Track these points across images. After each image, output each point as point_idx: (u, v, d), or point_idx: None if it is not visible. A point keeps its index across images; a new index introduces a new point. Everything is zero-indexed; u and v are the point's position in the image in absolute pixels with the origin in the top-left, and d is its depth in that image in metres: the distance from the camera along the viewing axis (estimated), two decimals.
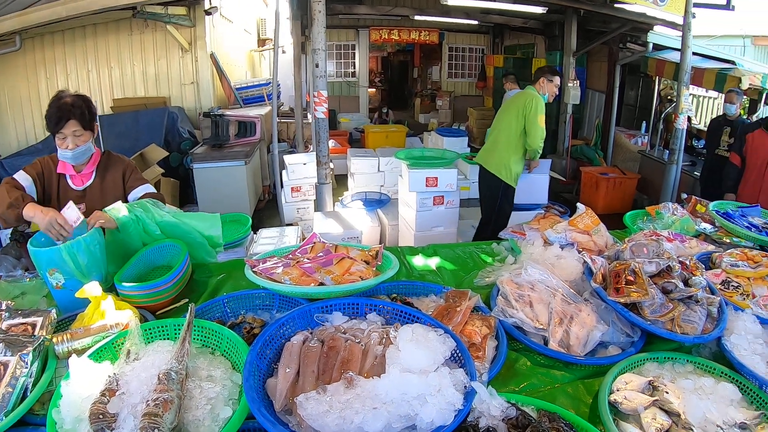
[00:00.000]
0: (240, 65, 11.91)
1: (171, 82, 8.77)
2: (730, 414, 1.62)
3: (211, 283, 2.50)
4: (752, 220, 3.17)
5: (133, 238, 2.46)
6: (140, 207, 2.49)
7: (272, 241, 4.08)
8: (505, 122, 5.30)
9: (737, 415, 1.62)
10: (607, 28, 9.93)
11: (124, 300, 2.06)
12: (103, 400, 1.38)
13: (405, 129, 11.56)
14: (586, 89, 11.68)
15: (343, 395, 1.40)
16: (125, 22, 8.22)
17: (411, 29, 14.82)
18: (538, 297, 2.15)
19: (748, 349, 1.95)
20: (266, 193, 8.62)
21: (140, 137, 7.61)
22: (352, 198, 7.12)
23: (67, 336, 1.69)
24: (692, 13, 6.88)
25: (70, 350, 1.66)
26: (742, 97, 6.91)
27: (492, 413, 1.44)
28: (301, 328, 1.78)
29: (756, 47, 15.87)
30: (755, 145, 5.30)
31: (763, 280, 2.47)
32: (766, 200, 4.74)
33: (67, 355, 1.63)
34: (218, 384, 1.55)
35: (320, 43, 5.27)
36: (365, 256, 2.28)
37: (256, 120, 7.98)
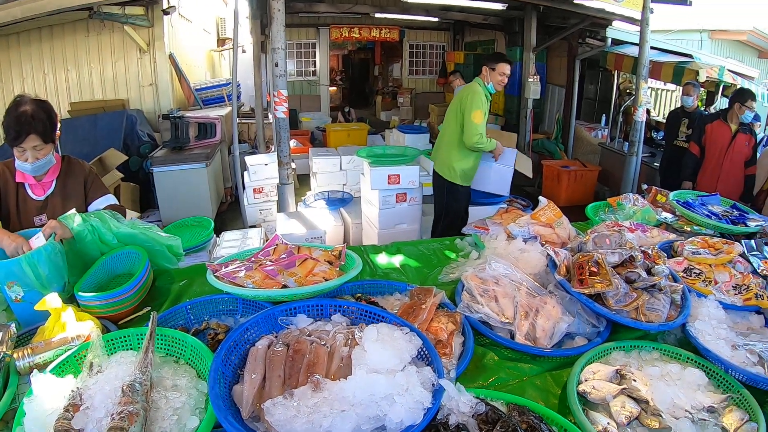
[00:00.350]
0: (199, 66, 11.73)
1: (129, 84, 8.56)
2: (698, 398, 1.65)
3: (173, 290, 2.45)
4: (712, 208, 3.23)
5: (89, 248, 2.38)
6: (96, 217, 2.41)
7: (235, 244, 4.03)
8: (447, 120, 5.11)
9: (705, 399, 1.65)
10: (566, 23, 10.05)
11: (84, 311, 2.00)
12: (67, 415, 1.34)
13: (367, 127, 11.51)
14: (547, 84, 11.83)
15: (311, 399, 1.38)
16: (82, 24, 7.98)
17: (371, 27, 14.77)
18: (503, 291, 2.15)
19: (712, 334, 1.99)
20: (228, 195, 8.50)
21: (99, 141, 7.41)
22: (315, 198, 7.07)
23: (27, 351, 1.63)
24: (650, 8, 7.00)
25: (32, 365, 1.61)
26: (700, 89, 7.07)
27: (461, 410, 1.43)
28: (265, 332, 1.75)
29: (713, 41, 16.22)
30: (714, 136, 5.47)
31: (724, 267, 2.52)
32: (723, 188, 4.89)
33: (29, 370, 1.58)
34: (184, 393, 1.51)
35: (280, 42, 5.22)
36: (328, 257, 2.26)
37: (216, 121, 7.87)
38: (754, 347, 1.91)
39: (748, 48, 16.33)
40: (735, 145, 5.30)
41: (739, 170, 5.35)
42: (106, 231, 2.40)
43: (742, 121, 5.29)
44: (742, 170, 5.35)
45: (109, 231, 2.41)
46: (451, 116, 4.99)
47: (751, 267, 2.56)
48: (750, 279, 2.41)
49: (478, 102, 4.64)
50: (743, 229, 2.96)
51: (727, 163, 5.36)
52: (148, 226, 2.60)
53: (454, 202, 5.13)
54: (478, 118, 4.62)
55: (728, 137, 5.35)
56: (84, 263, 2.36)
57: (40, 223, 2.61)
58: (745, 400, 1.68)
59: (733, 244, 2.65)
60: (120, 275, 2.47)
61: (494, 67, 4.65)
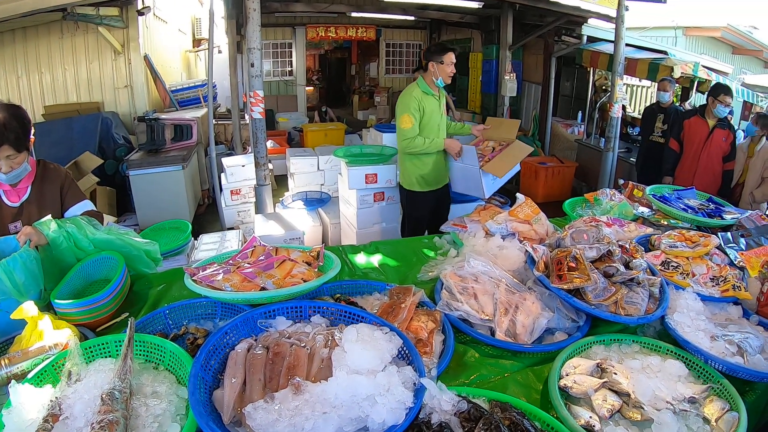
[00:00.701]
0: (175, 66, 11.61)
1: (104, 87, 8.44)
2: (679, 390, 1.67)
3: (151, 295, 2.41)
4: (688, 202, 3.27)
5: (65, 254, 2.33)
6: (72, 223, 2.36)
7: (214, 247, 4.00)
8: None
9: (685, 390, 1.67)
10: (542, 21, 10.12)
11: (62, 318, 1.95)
12: (46, 426, 1.32)
13: (344, 127, 11.49)
14: (523, 81, 11.89)
15: (292, 402, 1.37)
16: (56, 25, 7.84)
17: (348, 26, 14.73)
18: (482, 288, 2.15)
19: (691, 325, 2.01)
20: (205, 197, 8.43)
21: (74, 145, 7.30)
22: (293, 198, 7.05)
23: (5, 361, 1.60)
24: (625, 6, 7.08)
25: (9, 376, 1.57)
26: (675, 85, 7.15)
27: (443, 408, 1.42)
28: (244, 335, 1.73)
29: (687, 38, 16.48)
30: (691, 131, 5.54)
31: (701, 259, 2.55)
32: (699, 182, 4.97)
33: (6, 381, 1.55)
34: (164, 400, 1.49)
35: (256, 42, 5.18)
36: (306, 258, 2.24)
37: (192, 123, 7.80)
38: (732, 338, 1.94)
39: (722, 44, 16.62)
40: (712, 140, 5.36)
41: (717, 165, 5.41)
42: (82, 237, 2.35)
43: (716, 115, 5.35)
44: (720, 165, 5.41)
45: (86, 237, 2.36)
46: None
47: (728, 259, 2.59)
48: (727, 271, 2.44)
49: (403, 106, 4.41)
50: (719, 222, 3.00)
51: (704, 158, 5.43)
52: (126, 232, 2.56)
53: (414, 211, 4.84)
54: (405, 122, 4.38)
55: (705, 132, 5.41)
56: (60, 270, 2.31)
57: (15, 230, 2.53)
58: (726, 390, 1.70)
59: (709, 236, 2.68)
60: (97, 281, 2.43)
61: (442, 60, 4.35)
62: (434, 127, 4.51)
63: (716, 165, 5.42)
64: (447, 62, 4.34)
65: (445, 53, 4.34)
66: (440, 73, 4.38)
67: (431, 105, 4.48)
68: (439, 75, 4.39)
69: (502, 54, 10.45)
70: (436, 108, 4.54)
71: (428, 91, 4.46)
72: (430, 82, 4.47)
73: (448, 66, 4.37)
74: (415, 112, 4.36)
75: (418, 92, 4.41)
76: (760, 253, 2.60)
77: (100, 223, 2.54)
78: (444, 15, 12.15)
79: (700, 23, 16.92)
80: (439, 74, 4.38)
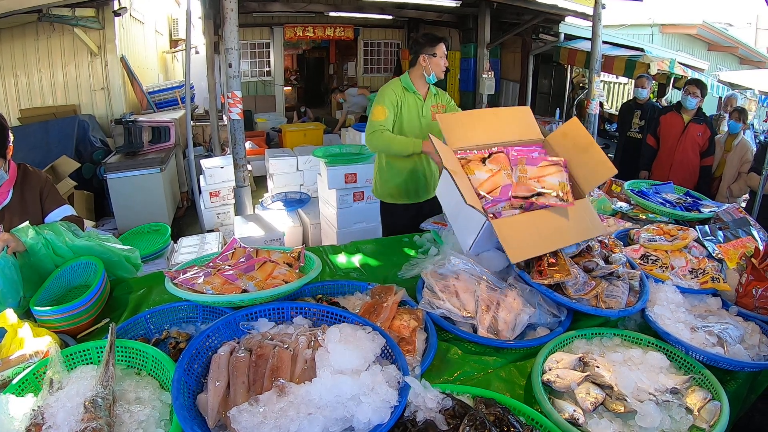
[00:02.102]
0: (152, 68, 11.50)
1: (80, 89, 8.33)
2: (661, 381, 1.68)
3: (132, 300, 2.37)
4: (666, 196, 3.31)
5: (43, 261, 2.28)
6: (50, 230, 2.32)
7: (194, 250, 3.98)
8: None
9: (667, 381, 1.69)
10: (520, 20, 10.20)
11: (42, 326, 1.92)
12: None
13: (322, 126, 11.47)
14: (501, 79, 11.98)
15: (277, 404, 1.36)
16: (31, 27, 7.73)
17: (326, 26, 14.69)
18: (464, 286, 2.16)
19: (671, 317, 2.03)
20: (184, 199, 8.36)
21: (50, 149, 7.20)
22: (273, 199, 7.02)
23: None
24: (602, 4, 7.15)
25: None
26: (652, 81, 7.24)
27: (428, 406, 1.42)
28: (227, 338, 1.71)
29: (664, 35, 16.66)
30: (667, 126, 5.63)
31: (680, 252, 2.57)
32: (675, 177, 5.04)
33: None
34: (148, 406, 1.47)
35: (233, 43, 5.16)
36: (287, 259, 2.23)
37: (170, 125, 7.73)
38: (712, 328, 1.96)
39: (698, 41, 16.83)
40: (687, 134, 5.44)
41: (693, 159, 5.48)
42: (61, 244, 2.31)
43: (685, 107, 5.43)
44: (697, 159, 5.49)
45: (64, 244, 2.32)
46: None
47: (706, 251, 2.63)
48: (705, 263, 2.47)
49: (378, 98, 3.68)
50: (697, 215, 3.04)
51: (680, 153, 5.50)
52: (105, 237, 2.53)
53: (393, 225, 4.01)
54: (375, 114, 3.63)
55: (680, 127, 5.49)
56: (39, 277, 2.27)
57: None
58: (707, 380, 1.72)
59: (687, 230, 2.71)
60: (76, 287, 2.38)
61: (435, 52, 3.70)
62: (414, 133, 3.67)
63: (692, 159, 5.49)
64: (440, 54, 3.72)
65: (437, 44, 3.72)
66: (433, 67, 3.71)
67: (412, 106, 3.75)
68: (432, 70, 3.72)
69: (480, 52, 10.51)
70: (418, 110, 3.77)
71: (410, 87, 3.76)
72: (417, 79, 3.78)
73: (441, 58, 3.74)
74: (390, 106, 3.65)
75: (398, 88, 3.73)
76: (737, 245, 2.64)
77: (81, 228, 2.51)
78: (421, 14, 12.19)
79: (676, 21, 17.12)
80: (432, 69, 3.72)
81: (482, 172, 2.33)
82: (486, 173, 2.32)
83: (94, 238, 2.44)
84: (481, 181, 2.29)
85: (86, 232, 2.47)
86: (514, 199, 2.26)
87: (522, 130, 2.67)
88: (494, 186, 2.28)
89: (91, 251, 2.41)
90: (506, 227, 2.14)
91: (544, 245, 2.17)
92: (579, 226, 2.29)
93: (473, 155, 2.46)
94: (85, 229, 2.52)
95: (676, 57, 9.17)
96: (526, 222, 2.21)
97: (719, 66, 16.11)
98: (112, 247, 2.48)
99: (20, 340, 1.72)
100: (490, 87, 10.23)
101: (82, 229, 2.50)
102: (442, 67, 3.73)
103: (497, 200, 2.23)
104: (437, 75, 3.75)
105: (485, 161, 2.40)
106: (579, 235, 2.27)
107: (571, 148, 2.50)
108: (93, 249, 2.41)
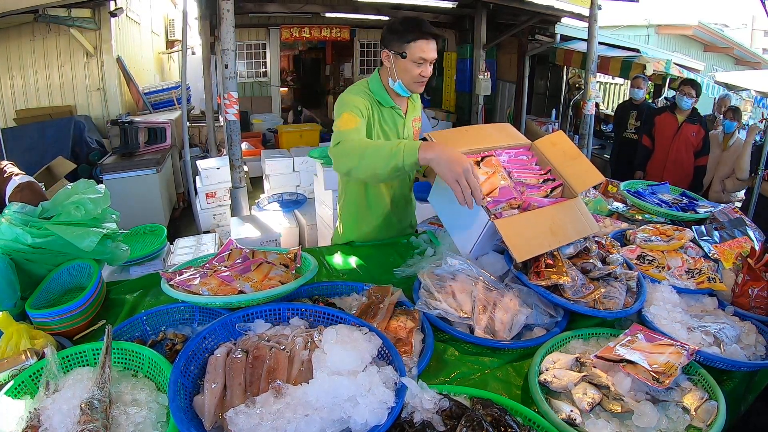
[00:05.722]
0: (148, 68, 11.50)
1: (76, 90, 8.34)
2: None
3: (128, 301, 2.36)
4: (662, 196, 3.31)
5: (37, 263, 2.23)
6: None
7: (190, 251, 3.95)
8: None
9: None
10: (516, 20, 10.23)
11: (38, 328, 1.91)
12: None
13: (319, 127, 11.47)
14: (497, 80, 12.01)
15: (273, 405, 1.35)
16: (27, 27, 7.73)
17: (322, 26, 14.67)
18: (460, 286, 2.15)
19: (667, 318, 2.03)
20: (181, 200, 8.37)
21: (46, 150, 7.22)
22: (269, 200, 7.02)
23: None
24: (598, 5, 7.18)
25: None
26: (648, 82, 7.26)
27: (425, 406, 1.42)
28: (223, 339, 1.70)
29: (660, 36, 16.75)
30: (661, 127, 5.66)
31: (676, 252, 2.58)
32: (669, 177, 5.08)
33: None
34: (144, 408, 1.46)
35: (229, 43, 5.16)
36: (284, 260, 2.22)
37: (166, 125, 7.73)
38: (709, 328, 1.96)
39: (693, 42, 16.90)
40: (681, 134, 5.47)
41: (687, 159, 5.51)
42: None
43: (680, 107, 5.46)
44: (691, 159, 5.52)
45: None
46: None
47: (703, 252, 2.63)
48: (702, 263, 2.47)
49: (343, 106, 2.52)
50: (693, 216, 3.04)
51: (674, 153, 5.53)
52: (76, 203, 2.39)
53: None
54: (343, 121, 2.44)
55: (674, 127, 5.52)
56: (30, 279, 2.27)
57: None
58: (704, 380, 1.71)
59: (683, 230, 2.71)
60: (72, 289, 2.37)
61: (404, 52, 2.44)
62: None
63: (686, 159, 5.52)
64: (415, 57, 2.44)
65: (413, 39, 2.42)
66: (400, 73, 2.51)
67: (389, 123, 2.71)
68: (399, 77, 2.53)
69: (477, 53, 10.53)
70: (398, 129, 2.76)
71: (384, 98, 2.64)
72: (386, 83, 2.63)
73: (418, 64, 2.46)
74: (360, 112, 2.51)
75: (366, 97, 2.60)
76: (733, 246, 2.65)
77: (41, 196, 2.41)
78: (418, 15, 12.19)
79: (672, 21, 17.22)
80: (398, 75, 2.52)
81: (479, 174, 2.33)
82: (483, 175, 2.33)
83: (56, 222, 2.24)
84: (480, 182, 2.28)
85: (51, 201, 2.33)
86: (511, 200, 2.26)
87: (507, 138, 2.60)
88: (492, 187, 2.29)
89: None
90: (509, 227, 2.15)
91: (546, 243, 2.18)
92: (577, 224, 2.32)
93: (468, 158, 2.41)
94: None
95: (672, 58, 9.19)
96: (527, 221, 2.22)
97: (715, 67, 16.18)
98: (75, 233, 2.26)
99: (16, 341, 1.71)
100: (486, 88, 10.25)
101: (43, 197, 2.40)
102: (415, 75, 2.49)
103: (498, 200, 2.23)
104: (406, 85, 2.55)
105: (479, 164, 2.41)
106: (578, 233, 2.29)
107: (560, 155, 2.51)
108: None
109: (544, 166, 2.51)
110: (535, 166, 2.51)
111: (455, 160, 1.94)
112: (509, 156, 2.49)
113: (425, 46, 2.41)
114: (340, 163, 2.33)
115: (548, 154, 2.53)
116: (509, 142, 2.57)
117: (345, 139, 2.33)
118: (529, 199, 2.28)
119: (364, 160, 2.19)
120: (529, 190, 2.36)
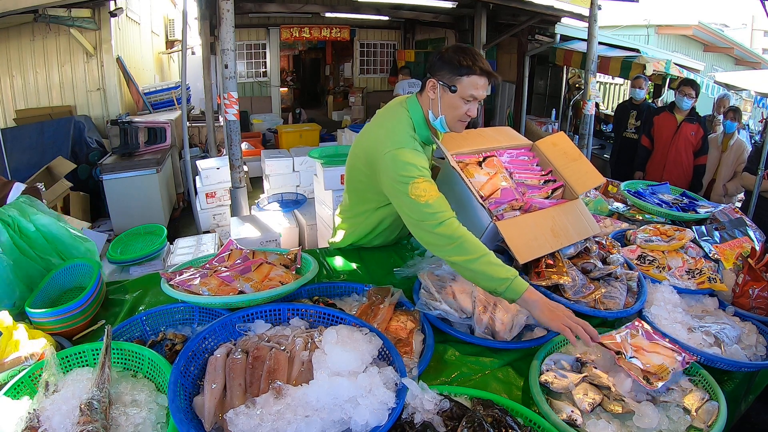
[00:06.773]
0: (148, 69, 11.48)
1: (76, 90, 8.32)
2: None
3: (127, 301, 2.35)
4: (662, 197, 3.31)
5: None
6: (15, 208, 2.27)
7: (190, 251, 3.95)
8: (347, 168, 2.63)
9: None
10: (516, 20, 10.22)
11: (37, 328, 1.90)
12: None
13: (318, 127, 11.46)
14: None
15: (273, 406, 1.35)
16: (27, 27, 7.70)
17: (322, 26, 14.70)
18: (461, 287, 2.15)
19: (668, 317, 2.03)
20: (180, 200, 8.35)
21: (46, 150, 7.18)
22: (269, 200, 6.99)
23: None
24: (598, 5, 7.17)
25: None
26: (649, 82, 7.26)
27: (426, 407, 1.42)
28: (223, 339, 1.70)
29: (659, 36, 16.75)
30: (660, 127, 5.65)
31: (677, 253, 2.58)
32: (668, 176, 5.09)
33: None
34: (144, 408, 1.46)
35: (229, 43, 5.15)
36: (284, 260, 2.22)
37: (165, 125, 7.72)
38: (709, 329, 1.97)
39: (693, 42, 16.88)
40: (680, 134, 5.46)
41: (686, 159, 5.50)
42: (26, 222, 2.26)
43: (679, 107, 5.46)
44: (690, 159, 5.51)
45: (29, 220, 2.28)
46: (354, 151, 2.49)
47: (703, 252, 2.64)
48: (702, 263, 2.47)
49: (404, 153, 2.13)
50: (694, 216, 3.04)
51: (673, 153, 5.53)
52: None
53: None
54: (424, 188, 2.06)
55: (673, 127, 5.51)
56: (28, 278, 2.27)
57: None
58: (705, 380, 1.72)
59: (684, 230, 2.71)
60: (71, 289, 2.37)
61: (455, 84, 2.12)
62: None
63: (685, 159, 5.51)
64: (467, 94, 2.13)
65: (467, 72, 2.10)
66: (445, 109, 2.18)
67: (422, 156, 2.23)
68: (443, 112, 2.19)
69: None
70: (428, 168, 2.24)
71: (426, 137, 2.33)
72: (428, 116, 2.27)
73: (465, 101, 2.14)
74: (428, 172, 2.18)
75: (414, 140, 2.25)
76: (734, 246, 2.65)
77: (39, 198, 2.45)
78: (417, 15, 12.21)
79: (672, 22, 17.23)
80: (443, 110, 2.19)
81: (481, 175, 2.36)
82: (484, 176, 2.35)
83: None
84: (482, 184, 2.31)
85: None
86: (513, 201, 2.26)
87: (508, 139, 2.63)
88: (494, 188, 2.30)
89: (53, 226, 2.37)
90: (511, 228, 2.15)
91: (548, 244, 2.18)
92: (578, 225, 2.32)
93: (470, 159, 2.46)
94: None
95: (672, 58, 9.19)
96: (528, 222, 2.22)
97: (715, 67, 16.17)
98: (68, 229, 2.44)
99: (15, 342, 1.70)
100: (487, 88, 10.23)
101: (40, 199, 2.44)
102: (461, 114, 2.18)
103: (499, 201, 2.24)
104: (449, 123, 2.22)
105: (481, 164, 2.43)
106: (579, 234, 2.29)
107: (561, 156, 2.51)
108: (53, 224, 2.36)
109: (545, 166, 2.53)
110: (536, 167, 2.55)
111: (557, 307, 1.84)
112: (510, 156, 2.53)
113: (479, 82, 2.12)
114: (444, 251, 2.02)
115: (549, 154, 2.55)
116: (510, 143, 2.62)
117: (448, 222, 2.00)
118: (531, 200, 2.30)
119: (472, 266, 1.94)
120: (530, 191, 2.38)
